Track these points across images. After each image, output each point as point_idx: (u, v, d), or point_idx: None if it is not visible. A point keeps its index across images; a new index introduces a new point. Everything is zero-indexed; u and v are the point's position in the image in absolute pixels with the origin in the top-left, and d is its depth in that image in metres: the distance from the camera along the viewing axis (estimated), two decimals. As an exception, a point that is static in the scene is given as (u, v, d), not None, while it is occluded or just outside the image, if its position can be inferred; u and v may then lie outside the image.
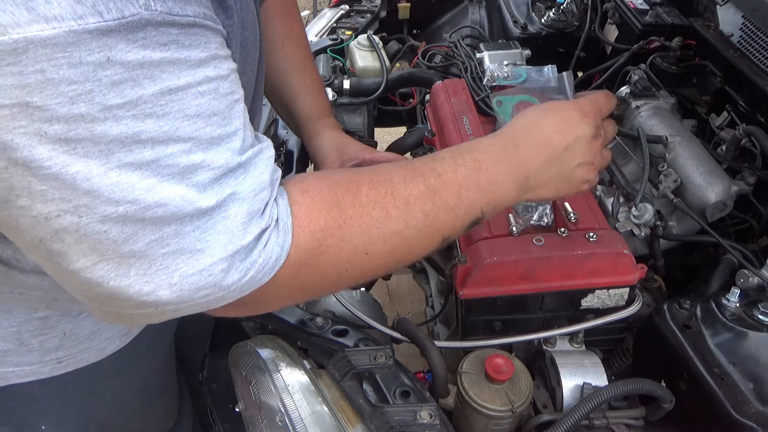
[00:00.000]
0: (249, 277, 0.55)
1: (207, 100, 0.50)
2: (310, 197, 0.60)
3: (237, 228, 0.53)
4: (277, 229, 0.57)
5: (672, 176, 1.16)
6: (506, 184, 0.69)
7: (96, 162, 0.45)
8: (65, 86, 0.42)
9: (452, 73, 1.58)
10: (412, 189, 0.63)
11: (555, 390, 0.93)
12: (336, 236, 0.59)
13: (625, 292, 0.96)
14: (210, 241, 0.52)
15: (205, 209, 0.51)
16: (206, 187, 0.51)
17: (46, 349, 0.79)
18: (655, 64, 1.44)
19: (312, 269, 0.60)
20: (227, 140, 0.52)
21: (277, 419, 0.82)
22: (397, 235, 0.62)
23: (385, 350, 0.88)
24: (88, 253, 0.49)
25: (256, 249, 0.55)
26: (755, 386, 0.80)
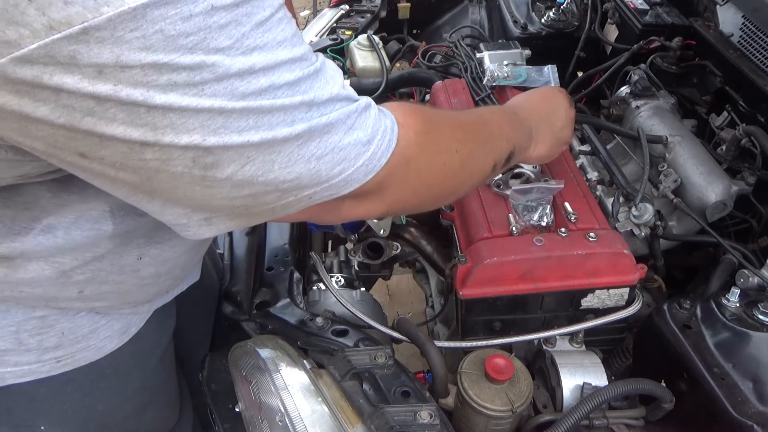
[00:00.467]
0: (372, 152, 0.63)
1: (285, 24, 0.55)
2: (404, 107, 0.71)
3: (348, 107, 0.61)
4: (378, 110, 0.66)
5: (672, 176, 1.16)
6: (523, 129, 0.89)
7: (223, 98, 0.51)
8: (183, 39, 0.47)
9: (452, 73, 1.57)
10: (467, 117, 0.83)
11: (555, 390, 0.93)
12: (433, 128, 0.72)
13: (625, 292, 0.96)
14: (333, 121, 0.59)
15: (320, 103, 0.58)
16: (312, 90, 0.57)
17: (44, 348, 0.79)
18: (655, 64, 1.44)
19: (423, 148, 0.70)
20: (308, 54, 0.58)
21: (277, 419, 0.82)
22: (470, 141, 0.78)
23: (385, 350, 0.88)
24: (236, 158, 0.55)
25: (372, 120, 0.63)
26: (755, 386, 0.80)
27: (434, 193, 0.79)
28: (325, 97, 0.59)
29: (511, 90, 1.31)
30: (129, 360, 0.89)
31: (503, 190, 1.04)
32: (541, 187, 1.00)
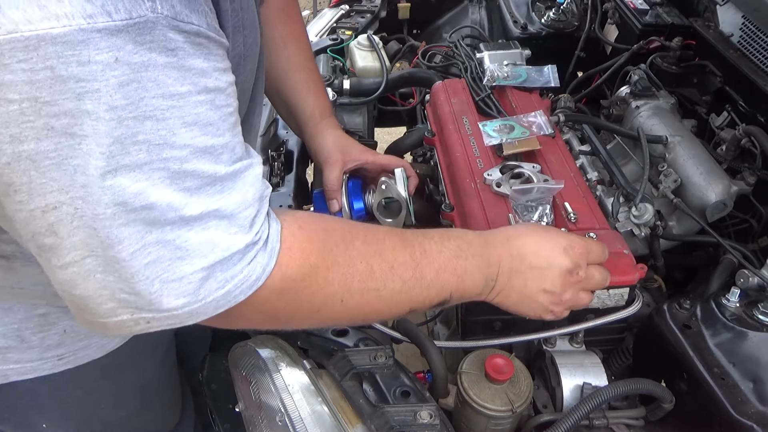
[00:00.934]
0: (225, 291, 0.56)
1: (205, 110, 0.51)
2: (307, 234, 0.62)
3: (220, 238, 0.54)
4: (264, 249, 0.58)
5: (672, 176, 1.16)
6: (476, 276, 0.73)
7: (96, 162, 0.46)
8: (74, 83, 0.43)
9: (452, 73, 1.57)
10: (398, 256, 0.67)
11: (555, 390, 0.93)
12: (321, 276, 0.62)
13: (625, 292, 0.96)
14: (189, 249, 0.53)
15: (189, 218, 0.52)
16: (193, 194, 0.52)
17: (46, 346, 0.79)
18: (655, 64, 1.44)
19: (289, 299, 0.62)
20: (219, 151, 0.53)
21: (277, 419, 0.82)
22: (374, 293, 0.66)
23: (385, 350, 0.88)
24: (79, 246, 0.50)
25: (240, 263, 0.56)
26: (755, 386, 0.80)
27: (299, 324, 0.72)
28: (204, 210, 0.52)
29: (511, 90, 1.31)
30: (131, 358, 0.89)
31: (503, 190, 1.04)
32: (541, 187, 1.00)
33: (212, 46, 0.52)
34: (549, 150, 1.15)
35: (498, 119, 1.19)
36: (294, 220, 0.63)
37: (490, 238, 0.76)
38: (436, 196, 1.25)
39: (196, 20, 0.49)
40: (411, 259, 0.68)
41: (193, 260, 0.53)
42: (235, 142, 0.56)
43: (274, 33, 1.02)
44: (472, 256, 0.73)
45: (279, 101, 1.10)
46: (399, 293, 0.68)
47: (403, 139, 1.55)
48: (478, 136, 1.17)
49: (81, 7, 0.42)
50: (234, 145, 0.55)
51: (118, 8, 0.43)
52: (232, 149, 0.55)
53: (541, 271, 0.76)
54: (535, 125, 1.17)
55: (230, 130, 0.55)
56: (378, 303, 0.67)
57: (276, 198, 1.20)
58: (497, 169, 1.08)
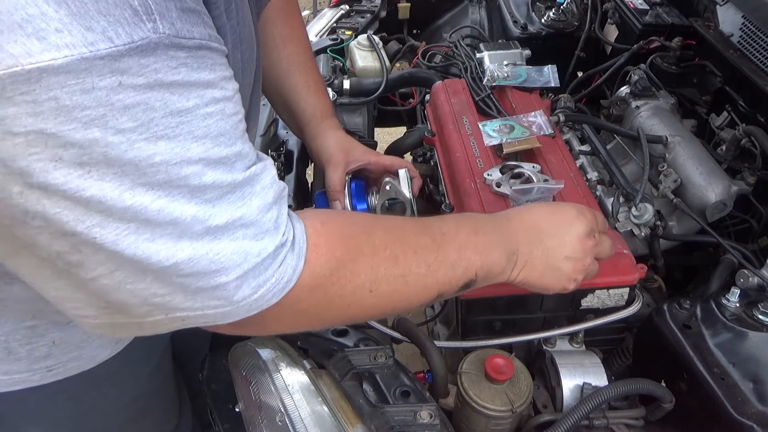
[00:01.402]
0: (259, 295, 0.57)
1: (215, 121, 0.51)
2: (330, 229, 0.63)
3: (250, 245, 0.55)
4: (292, 250, 0.59)
5: (672, 176, 1.16)
6: (497, 251, 0.73)
7: (110, 185, 0.46)
8: (79, 112, 0.43)
9: (452, 73, 1.57)
10: (420, 240, 0.68)
11: (555, 390, 0.93)
12: (348, 268, 0.62)
13: (625, 292, 0.96)
14: (224, 261, 0.53)
15: (215, 228, 0.52)
16: (215, 204, 0.52)
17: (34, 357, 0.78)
18: (655, 64, 1.44)
19: (320, 296, 0.62)
20: (234, 159, 0.54)
21: (277, 419, 0.82)
22: (401, 279, 0.66)
23: (385, 350, 0.88)
24: (105, 262, 0.50)
25: (272, 267, 0.57)
26: (755, 386, 0.80)
27: (331, 322, 0.72)
28: (229, 219, 0.53)
29: (511, 90, 1.31)
30: (123, 369, 0.88)
31: (503, 190, 1.04)
32: (541, 187, 1.00)
33: (215, 56, 0.52)
34: (549, 150, 1.15)
35: (498, 119, 1.20)
36: (315, 217, 0.64)
37: (501, 216, 0.77)
38: (436, 196, 1.25)
39: (197, 33, 0.49)
40: (432, 242, 0.68)
41: (228, 272, 0.54)
42: (247, 148, 0.56)
43: (274, 32, 1.02)
44: (490, 231, 0.73)
45: (279, 101, 1.09)
46: (425, 276, 0.67)
47: (403, 139, 1.55)
48: (478, 136, 1.17)
49: (82, 36, 0.42)
50: (246, 150, 0.56)
51: (119, 33, 0.43)
52: (245, 155, 0.56)
53: (561, 238, 0.76)
54: (535, 125, 1.17)
55: (241, 137, 0.55)
56: (406, 289, 0.67)
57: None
58: (497, 169, 1.08)
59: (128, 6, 0.44)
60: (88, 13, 0.42)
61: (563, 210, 0.78)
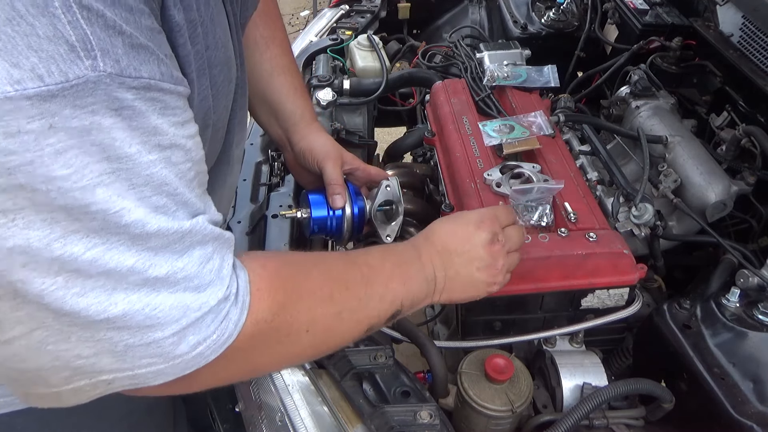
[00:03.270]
0: (197, 353, 0.53)
1: (159, 169, 0.48)
2: (270, 272, 0.61)
3: (192, 298, 0.52)
4: (236, 303, 0.56)
5: (672, 176, 1.16)
6: (419, 280, 0.75)
7: (38, 233, 0.43)
8: (2, 157, 0.39)
9: (452, 73, 1.57)
10: (350, 276, 0.68)
11: (555, 390, 0.93)
12: (289, 311, 0.61)
13: (625, 292, 0.96)
14: (161, 316, 0.50)
15: (155, 280, 0.49)
16: (157, 253, 0.49)
17: None
18: (655, 64, 1.44)
19: (260, 343, 0.60)
20: (175, 208, 0.50)
21: (277, 419, 0.82)
22: (336, 317, 0.66)
23: (385, 350, 0.88)
24: (26, 320, 0.46)
25: (214, 322, 0.54)
26: (755, 386, 0.80)
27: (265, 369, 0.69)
28: (170, 270, 0.50)
29: (511, 90, 1.31)
30: None
31: (503, 190, 1.04)
32: (541, 187, 1.00)
33: (168, 97, 0.48)
34: (549, 150, 1.15)
35: (498, 119, 1.20)
36: (255, 260, 0.61)
37: (415, 242, 0.79)
38: (436, 196, 1.25)
39: (146, 72, 0.46)
40: (361, 276, 0.69)
41: (164, 327, 0.50)
42: (194, 197, 0.53)
43: (255, 34, 1.00)
44: (410, 261, 0.75)
45: (261, 104, 1.05)
46: (357, 311, 0.68)
47: (403, 139, 1.55)
48: (478, 136, 1.17)
49: (6, 73, 0.38)
50: (192, 200, 0.52)
51: (51, 71, 0.39)
52: (191, 204, 0.52)
53: (468, 253, 0.78)
54: (535, 125, 1.17)
55: (187, 186, 0.52)
56: (340, 326, 0.67)
57: (276, 198, 1.20)
58: (497, 169, 1.08)
59: (64, 41, 0.40)
60: (16, 48, 0.38)
61: (464, 224, 0.80)
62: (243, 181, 1.28)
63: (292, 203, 1.18)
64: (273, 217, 1.14)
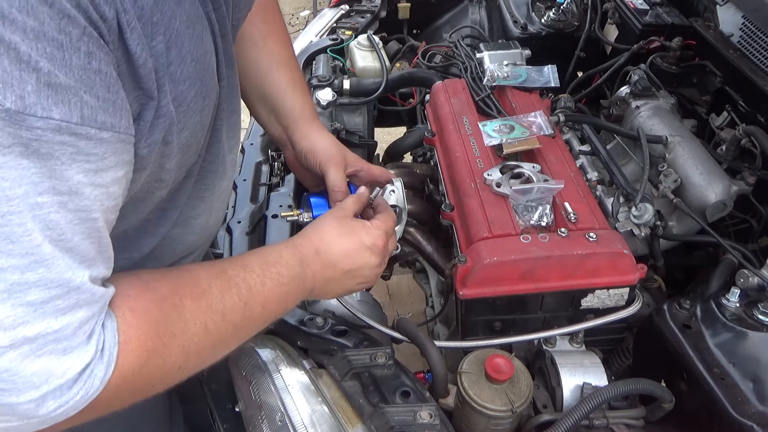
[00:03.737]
0: (58, 413, 0.50)
1: (45, 212, 0.45)
2: (139, 316, 0.58)
3: (56, 364, 0.49)
4: (101, 360, 0.53)
5: (672, 176, 1.16)
6: (298, 294, 0.77)
7: None
8: None
9: (452, 73, 1.58)
10: (227, 301, 0.66)
11: (555, 390, 0.93)
12: (160, 356, 0.59)
13: (625, 292, 0.96)
14: (19, 383, 0.47)
15: (21, 341, 0.46)
16: (36, 309, 0.46)
17: None
18: (655, 64, 1.44)
19: (125, 391, 0.57)
20: (61, 264, 0.47)
21: (277, 419, 0.82)
22: (210, 349, 0.65)
23: (385, 350, 0.88)
24: None
25: (76, 386, 0.51)
26: (755, 386, 0.80)
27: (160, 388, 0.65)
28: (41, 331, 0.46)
29: (511, 90, 1.31)
30: None
31: (503, 190, 1.04)
32: (541, 187, 1.00)
33: (83, 143, 0.46)
34: (549, 150, 1.15)
35: (498, 119, 1.20)
36: (123, 302, 0.57)
37: (303, 254, 0.78)
38: (436, 196, 1.25)
39: (59, 114, 0.43)
40: (239, 300, 0.67)
41: (20, 393, 0.47)
42: (85, 247, 0.50)
43: (252, 30, 0.98)
44: (292, 279, 0.75)
45: (259, 100, 1.02)
46: (231, 338, 0.68)
47: (403, 139, 1.55)
48: (478, 136, 1.17)
49: None
50: (84, 250, 0.50)
51: None
52: (80, 254, 0.49)
53: (354, 271, 0.83)
54: (535, 125, 1.17)
55: (81, 235, 0.49)
56: (212, 354, 0.67)
57: (276, 198, 1.20)
58: (497, 169, 1.08)
59: None
60: None
61: (358, 245, 0.82)
62: (243, 181, 1.28)
63: (292, 203, 1.18)
64: (273, 217, 1.15)
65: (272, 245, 0.79)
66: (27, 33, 0.41)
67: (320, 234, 0.82)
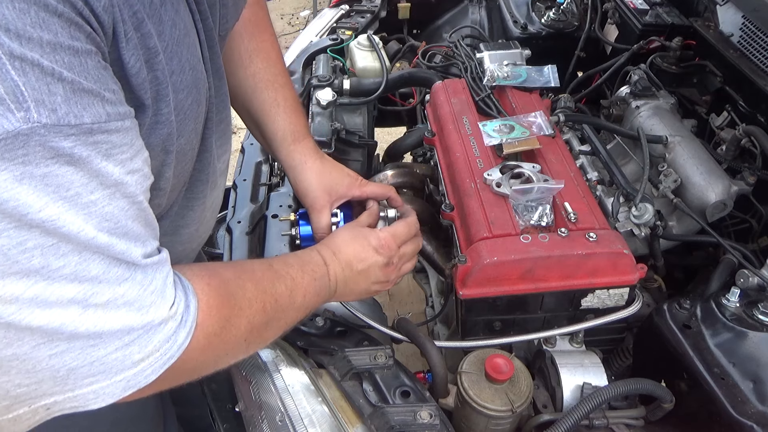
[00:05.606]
0: (139, 370, 0.54)
1: (100, 207, 0.48)
2: (215, 289, 0.65)
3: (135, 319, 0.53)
4: (183, 324, 0.58)
5: (672, 176, 1.16)
6: (327, 291, 0.84)
7: None
8: None
9: (452, 73, 1.58)
10: (277, 288, 0.74)
11: (555, 390, 0.93)
12: (233, 324, 0.66)
13: (625, 292, 0.96)
14: (104, 336, 0.51)
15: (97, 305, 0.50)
16: (97, 284, 0.49)
17: None
18: (655, 64, 1.44)
19: (209, 353, 0.63)
20: (120, 246, 0.51)
21: (277, 419, 0.82)
22: (265, 326, 0.73)
23: (385, 350, 0.88)
24: None
25: (158, 341, 0.55)
26: (755, 386, 0.80)
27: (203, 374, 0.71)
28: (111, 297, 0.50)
29: (511, 90, 1.31)
30: None
31: (503, 190, 1.04)
32: (541, 187, 1.00)
33: (114, 137, 0.49)
34: (549, 150, 1.15)
35: (498, 119, 1.20)
36: (200, 278, 0.64)
37: (324, 255, 0.86)
38: (436, 196, 1.25)
39: (89, 117, 0.45)
40: (286, 289, 0.75)
41: (107, 345, 0.51)
42: (135, 227, 0.53)
43: (240, 47, 0.96)
44: (321, 276, 0.83)
45: (250, 122, 1.02)
46: (280, 320, 0.76)
47: (403, 139, 1.55)
48: (478, 136, 1.17)
49: None
50: (134, 230, 0.53)
51: None
52: (132, 235, 0.53)
53: (365, 271, 0.88)
54: (535, 125, 1.17)
55: (134, 220, 0.53)
56: (267, 332, 0.74)
57: (276, 198, 1.20)
58: (497, 169, 1.08)
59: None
60: None
61: (366, 246, 0.89)
62: (243, 181, 1.28)
63: (292, 203, 1.18)
64: (273, 217, 1.15)
65: (304, 249, 0.88)
66: (44, 47, 0.43)
67: (335, 240, 0.89)
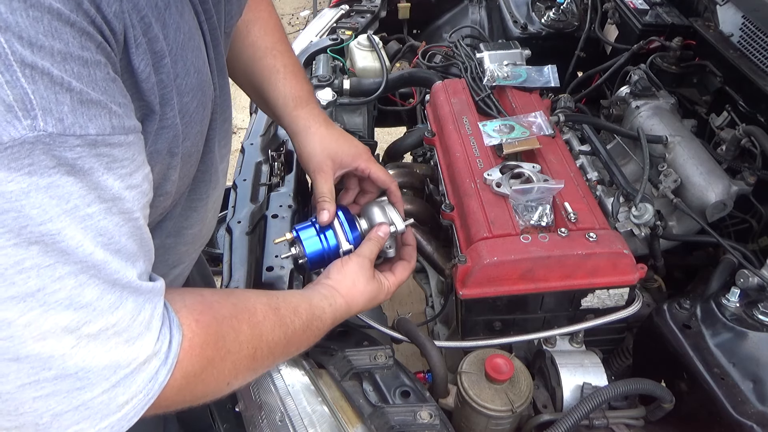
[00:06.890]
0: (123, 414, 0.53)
1: (96, 221, 0.47)
2: (203, 327, 0.62)
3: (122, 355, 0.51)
4: (165, 362, 0.56)
5: (672, 176, 1.16)
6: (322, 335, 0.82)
7: None
8: None
9: (452, 73, 1.58)
10: (275, 336, 0.72)
11: (555, 390, 0.93)
12: (215, 366, 0.63)
13: (625, 292, 0.96)
14: (92, 377, 0.49)
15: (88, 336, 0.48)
16: (91, 311, 0.48)
17: None
18: (655, 64, 1.44)
19: (186, 393, 0.61)
20: (114, 265, 0.49)
21: (277, 419, 0.82)
22: (252, 372, 0.72)
23: (385, 350, 0.88)
24: None
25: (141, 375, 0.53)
26: (755, 386, 0.80)
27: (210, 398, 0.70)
28: (103, 327, 0.49)
29: (511, 90, 1.31)
30: None
31: (503, 190, 1.04)
32: (541, 187, 1.00)
33: (117, 151, 0.48)
34: (549, 150, 1.15)
35: (498, 119, 1.20)
36: (190, 313, 0.62)
37: (337, 315, 0.84)
38: (436, 196, 1.25)
39: (94, 128, 0.45)
40: (284, 338, 0.73)
41: (94, 388, 0.49)
42: (130, 244, 0.52)
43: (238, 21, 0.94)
44: (325, 330, 0.82)
45: (252, 92, 1.01)
46: (267, 366, 0.76)
47: (403, 139, 1.55)
48: (478, 136, 1.17)
49: None
50: (129, 248, 0.52)
51: None
52: (126, 253, 0.51)
53: (363, 307, 0.88)
54: (535, 125, 1.17)
55: (127, 235, 0.51)
56: (251, 376, 0.73)
57: (276, 198, 1.20)
58: (497, 169, 1.08)
59: (0, 101, 0.39)
60: None
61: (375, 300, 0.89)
62: (243, 181, 1.28)
63: (292, 203, 1.18)
64: (273, 217, 1.15)
65: (319, 293, 0.84)
66: (55, 56, 0.42)
67: (352, 292, 0.86)
